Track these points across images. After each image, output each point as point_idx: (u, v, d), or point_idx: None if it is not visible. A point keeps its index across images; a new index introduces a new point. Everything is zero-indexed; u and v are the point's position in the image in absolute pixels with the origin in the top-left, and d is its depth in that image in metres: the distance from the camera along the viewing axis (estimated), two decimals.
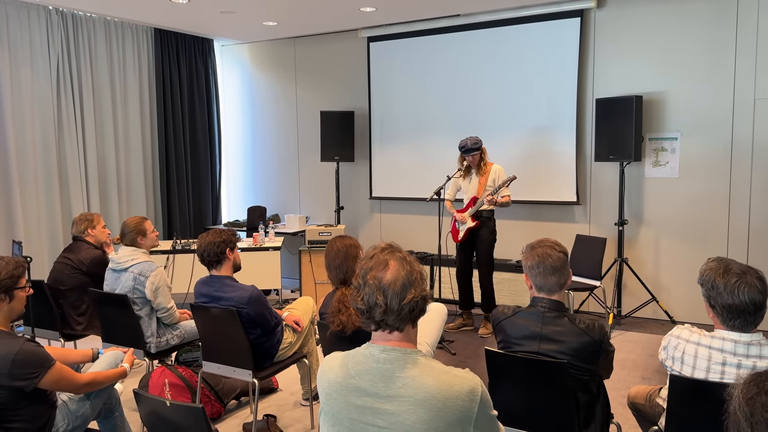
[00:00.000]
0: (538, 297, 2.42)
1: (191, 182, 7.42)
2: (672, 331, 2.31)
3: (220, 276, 3.36)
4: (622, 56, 5.64)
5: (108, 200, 6.54)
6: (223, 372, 3.40)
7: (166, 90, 7.04)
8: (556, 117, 5.89)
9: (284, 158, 7.72)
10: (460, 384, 1.57)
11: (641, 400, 2.70)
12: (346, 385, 1.63)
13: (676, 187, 5.53)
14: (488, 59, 6.20)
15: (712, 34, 5.27)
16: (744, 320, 2.09)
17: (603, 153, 5.46)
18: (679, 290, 5.55)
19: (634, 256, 5.71)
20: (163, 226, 7.10)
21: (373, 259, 1.69)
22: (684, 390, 2.17)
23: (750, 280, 2.07)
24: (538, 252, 2.40)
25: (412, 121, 6.71)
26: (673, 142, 5.50)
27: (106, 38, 6.42)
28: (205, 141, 7.57)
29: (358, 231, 7.28)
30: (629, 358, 4.69)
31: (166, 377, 3.73)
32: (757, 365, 2.05)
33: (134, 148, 6.78)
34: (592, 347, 2.30)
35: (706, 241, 5.42)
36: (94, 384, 2.68)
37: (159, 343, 3.78)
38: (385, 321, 1.63)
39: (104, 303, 3.79)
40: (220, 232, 3.39)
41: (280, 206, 7.76)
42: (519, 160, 5.94)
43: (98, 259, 4.27)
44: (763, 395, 1.28)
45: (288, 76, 7.58)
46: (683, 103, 5.43)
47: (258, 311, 3.26)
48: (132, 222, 3.92)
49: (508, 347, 2.44)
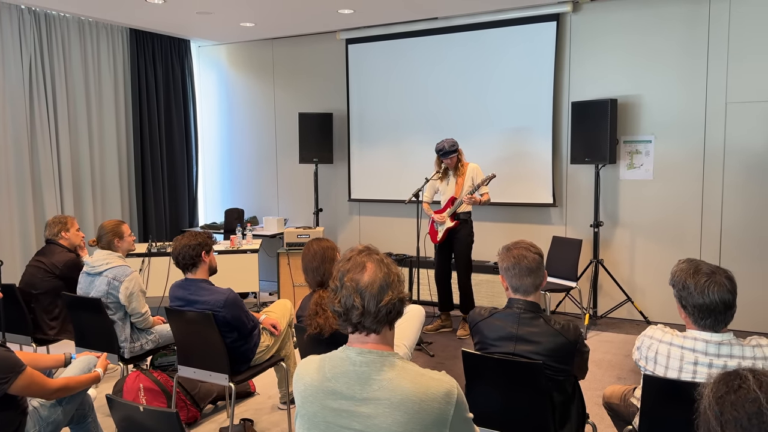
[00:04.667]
0: (514, 298, 2.44)
1: (167, 184, 7.34)
2: (645, 332, 2.34)
3: (195, 279, 3.33)
4: (597, 60, 5.72)
5: (82, 203, 6.44)
6: (198, 376, 3.37)
7: (141, 91, 6.96)
8: (533, 119, 5.95)
9: (262, 160, 7.67)
10: (436, 386, 1.58)
11: (616, 400, 2.74)
12: (322, 388, 1.63)
13: (650, 189, 5.61)
14: (466, 62, 6.24)
15: (685, 39, 5.36)
16: (715, 319, 2.13)
17: (579, 155, 5.53)
18: (653, 291, 5.63)
19: (609, 258, 5.78)
20: (138, 229, 7.01)
21: (350, 261, 1.69)
22: (657, 390, 2.20)
23: (719, 280, 2.11)
24: (514, 253, 2.42)
25: (390, 123, 6.72)
26: (647, 145, 5.58)
27: (80, 38, 6.33)
28: (181, 142, 7.49)
29: (336, 233, 7.26)
30: (605, 358, 4.74)
31: (141, 382, 3.68)
32: (728, 365, 2.08)
33: (109, 149, 6.68)
34: (567, 348, 2.32)
35: (679, 242, 5.51)
36: (66, 389, 2.63)
37: (133, 348, 3.73)
38: (362, 323, 1.63)
39: (77, 307, 3.73)
40: (195, 234, 3.36)
41: (258, 208, 7.71)
42: (496, 162, 5.98)
43: (72, 262, 4.21)
44: (732, 394, 1.30)
45: (266, 78, 7.54)
46: (657, 106, 5.52)
47: (234, 314, 3.23)
48: (109, 224, 3.88)
49: (484, 348, 2.45)
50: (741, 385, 1.30)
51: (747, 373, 1.32)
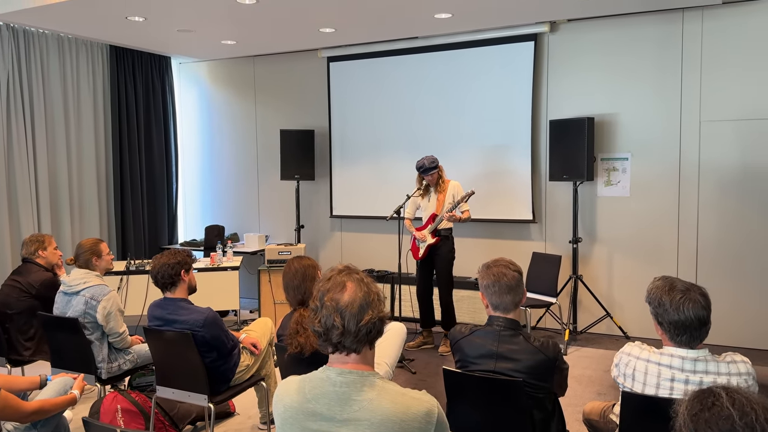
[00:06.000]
0: (494, 316, 2.46)
1: (147, 201, 7.28)
2: (623, 349, 2.37)
3: (174, 298, 3.30)
4: (574, 79, 5.82)
5: (60, 221, 6.35)
6: (177, 397, 3.33)
7: (121, 108, 6.92)
8: (512, 137, 6.02)
9: (243, 177, 7.65)
10: (416, 406, 1.58)
11: (596, 417, 2.75)
12: (302, 409, 1.62)
13: (627, 205, 5.69)
14: (446, 80, 6.31)
15: (660, 59, 5.48)
16: (690, 335, 2.17)
17: (557, 173, 5.60)
18: (632, 306, 5.69)
19: (588, 273, 5.84)
20: (117, 247, 6.93)
21: (330, 281, 1.69)
22: (635, 406, 2.23)
23: (694, 297, 2.15)
24: (494, 271, 2.44)
25: (372, 140, 6.76)
26: (624, 162, 5.67)
27: (59, 55, 6.28)
28: (161, 159, 7.45)
29: (318, 250, 7.25)
30: (585, 373, 4.77)
31: (119, 403, 3.62)
32: (704, 381, 2.12)
33: (88, 167, 6.62)
34: (547, 365, 2.34)
35: (656, 258, 5.59)
36: (42, 412, 2.59)
37: (111, 369, 3.68)
38: (342, 343, 1.63)
39: (54, 327, 3.67)
40: (174, 253, 3.33)
41: (239, 225, 7.67)
42: (476, 179, 6.03)
43: (49, 281, 4.15)
44: (706, 412, 1.32)
45: (247, 95, 7.54)
46: (633, 124, 5.62)
47: (214, 334, 3.20)
48: (87, 243, 3.85)
49: (465, 366, 2.46)
50: (714, 403, 1.33)
51: (720, 391, 1.35)
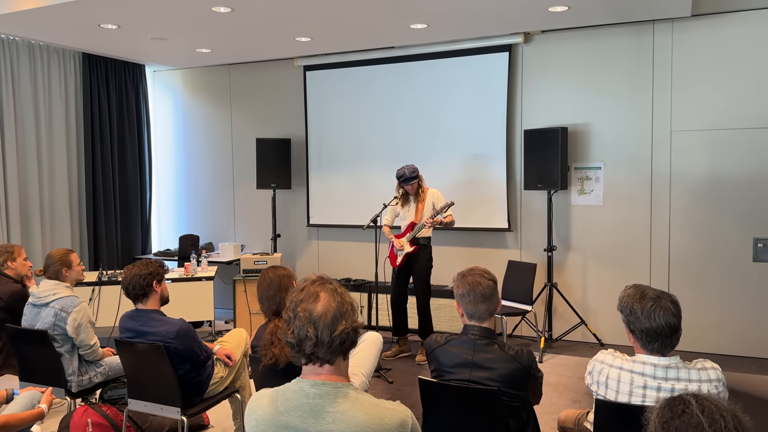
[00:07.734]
0: (469, 324, 2.46)
1: (120, 210, 7.17)
2: (596, 356, 2.39)
3: (146, 310, 3.25)
4: (548, 89, 5.89)
5: (30, 231, 6.22)
6: (150, 410, 3.27)
7: (94, 116, 6.82)
8: (488, 146, 6.07)
9: (219, 185, 7.59)
10: (390, 417, 1.57)
11: (570, 424, 2.77)
12: (275, 422, 1.60)
13: (600, 214, 5.77)
14: (422, 90, 6.34)
15: (632, 70, 5.58)
16: (662, 343, 2.19)
17: (531, 182, 5.66)
18: (606, 313, 5.75)
19: (563, 281, 5.89)
20: (89, 257, 6.80)
21: (303, 291, 1.68)
22: (609, 413, 2.24)
23: (665, 304, 2.18)
24: (469, 280, 2.45)
25: (348, 148, 6.75)
26: (597, 172, 5.75)
27: (30, 62, 6.18)
28: (134, 168, 7.35)
29: (295, 259, 7.20)
30: (560, 381, 4.80)
31: (89, 416, 3.54)
32: (675, 387, 2.14)
33: (59, 175, 6.51)
34: (521, 373, 2.35)
35: (629, 265, 5.66)
36: (7, 428, 2.52)
37: (81, 382, 3.60)
38: (316, 354, 1.62)
39: (22, 340, 3.59)
40: (146, 263, 3.28)
41: (214, 234, 7.60)
42: (454, 187, 6.06)
43: (18, 293, 4.06)
44: (676, 419, 1.34)
45: (223, 103, 7.50)
46: (606, 134, 5.71)
47: (187, 345, 3.16)
48: (57, 253, 3.76)
49: (441, 375, 2.46)
50: (684, 410, 1.34)
51: (690, 398, 1.37)
